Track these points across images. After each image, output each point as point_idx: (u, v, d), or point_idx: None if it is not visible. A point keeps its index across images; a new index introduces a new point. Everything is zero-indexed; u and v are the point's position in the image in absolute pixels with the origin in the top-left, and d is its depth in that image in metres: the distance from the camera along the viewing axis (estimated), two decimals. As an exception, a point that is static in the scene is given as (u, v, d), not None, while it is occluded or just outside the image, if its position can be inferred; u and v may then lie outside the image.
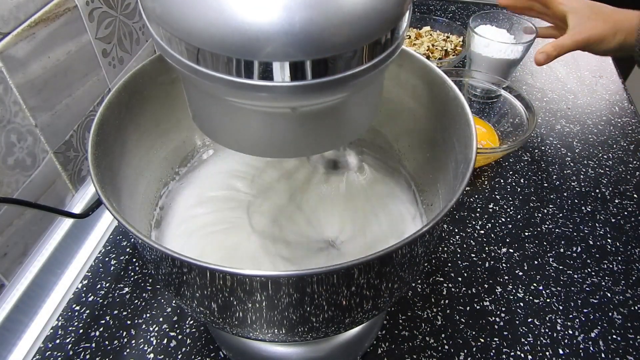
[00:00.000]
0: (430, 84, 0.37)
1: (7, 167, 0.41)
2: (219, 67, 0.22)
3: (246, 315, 0.29)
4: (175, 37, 0.22)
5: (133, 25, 0.58)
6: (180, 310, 0.46)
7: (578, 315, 0.46)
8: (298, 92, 0.22)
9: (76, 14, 0.47)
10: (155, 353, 0.43)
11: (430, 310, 0.46)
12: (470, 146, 0.31)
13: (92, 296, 0.47)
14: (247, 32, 0.20)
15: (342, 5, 0.21)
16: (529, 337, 0.45)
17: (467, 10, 0.97)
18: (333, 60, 0.22)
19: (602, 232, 0.54)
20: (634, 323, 0.46)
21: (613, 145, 0.66)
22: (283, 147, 0.27)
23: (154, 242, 0.25)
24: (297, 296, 0.27)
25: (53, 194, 0.48)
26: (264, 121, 0.26)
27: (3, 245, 0.42)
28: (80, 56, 0.48)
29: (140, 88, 0.36)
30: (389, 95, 0.40)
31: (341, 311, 0.30)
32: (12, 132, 0.41)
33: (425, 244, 0.31)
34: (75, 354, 0.43)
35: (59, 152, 0.47)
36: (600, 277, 0.50)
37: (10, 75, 0.40)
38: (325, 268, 0.24)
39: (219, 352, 0.43)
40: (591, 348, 0.44)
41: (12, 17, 0.40)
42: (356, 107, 0.27)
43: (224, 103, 0.25)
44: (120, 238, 0.53)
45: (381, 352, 0.43)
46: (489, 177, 0.61)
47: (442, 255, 0.52)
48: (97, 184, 0.28)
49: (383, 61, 0.24)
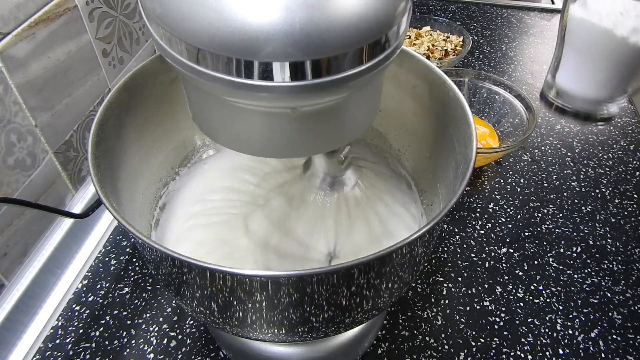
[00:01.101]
0: (430, 84, 0.37)
1: (7, 167, 0.41)
2: (219, 67, 0.22)
3: (246, 315, 0.29)
4: (175, 37, 0.22)
5: (133, 25, 0.58)
6: (180, 310, 0.46)
7: (578, 315, 0.46)
8: (298, 92, 0.22)
9: (76, 14, 0.47)
10: (155, 353, 0.43)
11: (430, 310, 0.46)
12: (470, 146, 0.31)
13: (92, 296, 0.47)
14: (247, 32, 0.20)
15: (342, 6, 0.21)
16: (529, 337, 0.45)
17: (467, 10, 0.97)
18: (333, 60, 0.22)
19: (602, 232, 0.54)
20: (634, 323, 0.46)
21: (613, 145, 0.66)
22: (283, 147, 0.27)
23: (154, 242, 0.25)
24: (297, 296, 0.27)
25: (53, 194, 0.48)
26: (264, 121, 0.26)
27: (3, 245, 0.42)
28: (80, 56, 0.48)
29: (140, 88, 0.36)
30: (389, 95, 0.40)
31: (341, 311, 0.30)
32: (12, 132, 0.41)
33: (425, 244, 0.31)
34: (75, 354, 0.43)
35: (59, 152, 0.47)
36: (600, 277, 0.50)
37: (10, 75, 0.40)
38: (325, 268, 0.24)
39: (219, 352, 0.43)
40: (591, 348, 0.44)
41: (12, 17, 0.40)
42: (356, 107, 0.27)
43: (224, 103, 0.25)
44: (120, 238, 0.53)
45: (381, 352, 0.43)
46: (489, 177, 0.61)
47: (442, 255, 0.52)
48: (97, 184, 0.28)
49: (383, 61, 0.24)
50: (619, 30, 0.35)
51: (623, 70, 0.42)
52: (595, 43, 0.38)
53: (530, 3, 0.98)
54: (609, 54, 0.39)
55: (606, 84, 0.42)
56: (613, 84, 0.42)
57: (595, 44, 0.38)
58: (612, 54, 0.39)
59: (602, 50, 0.39)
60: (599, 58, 0.41)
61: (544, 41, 0.86)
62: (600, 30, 0.36)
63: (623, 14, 0.32)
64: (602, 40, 0.37)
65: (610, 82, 0.43)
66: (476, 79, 0.66)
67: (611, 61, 0.41)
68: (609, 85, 0.42)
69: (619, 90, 0.44)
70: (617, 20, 0.34)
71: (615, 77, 0.43)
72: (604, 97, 0.48)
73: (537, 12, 0.97)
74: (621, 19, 0.34)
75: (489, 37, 0.89)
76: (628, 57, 0.39)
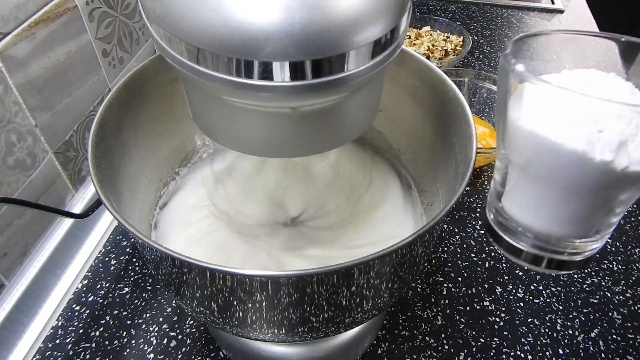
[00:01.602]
0: (430, 84, 0.37)
1: (7, 167, 0.41)
2: (219, 67, 0.22)
3: (246, 315, 0.29)
4: (175, 37, 0.22)
5: (133, 25, 0.58)
6: (180, 310, 0.46)
7: (578, 315, 0.46)
8: (298, 92, 0.22)
9: (76, 14, 0.47)
10: (155, 353, 0.43)
11: (430, 310, 0.46)
12: (470, 146, 0.31)
13: (92, 296, 0.47)
14: (247, 32, 0.20)
15: (342, 6, 0.21)
16: (529, 337, 0.45)
17: (467, 10, 0.97)
18: (333, 60, 0.22)
19: (602, 232, 0.54)
20: (634, 323, 0.46)
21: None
22: (283, 147, 0.27)
23: (154, 242, 0.25)
24: (297, 296, 0.27)
25: (53, 194, 0.48)
26: (264, 121, 0.26)
27: (3, 245, 0.42)
28: (80, 56, 0.48)
29: (140, 88, 0.36)
30: (389, 96, 0.40)
31: (341, 311, 0.30)
32: (12, 132, 0.41)
33: (425, 244, 0.31)
34: (75, 354, 0.43)
35: (59, 152, 0.47)
36: (600, 277, 0.50)
37: (10, 75, 0.40)
38: (325, 268, 0.24)
39: (219, 352, 0.43)
40: (591, 348, 0.44)
41: (12, 17, 0.40)
42: (356, 107, 0.27)
43: (224, 103, 0.25)
44: (120, 238, 0.53)
45: (381, 352, 0.43)
46: (489, 177, 0.61)
47: (442, 255, 0.52)
48: (97, 184, 0.28)
49: (383, 61, 0.24)
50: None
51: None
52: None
53: (530, 3, 0.98)
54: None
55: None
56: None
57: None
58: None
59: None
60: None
61: (544, 41, 0.86)
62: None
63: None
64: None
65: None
66: (476, 79, 0.66)
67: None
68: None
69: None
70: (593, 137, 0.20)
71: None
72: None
73: (537, 12, 0.97)
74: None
75: (489, 37, 0.89)
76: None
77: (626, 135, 0.19)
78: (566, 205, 0.23)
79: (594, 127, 0.19)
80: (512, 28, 0.92)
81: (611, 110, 0.19)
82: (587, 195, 0.22)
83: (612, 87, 0.22)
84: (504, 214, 0.25)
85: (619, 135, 0.19)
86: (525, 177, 0.23)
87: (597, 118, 0.19)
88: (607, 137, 0.19)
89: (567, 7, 0.97)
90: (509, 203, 0.25)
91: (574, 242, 0.24)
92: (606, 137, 0.19)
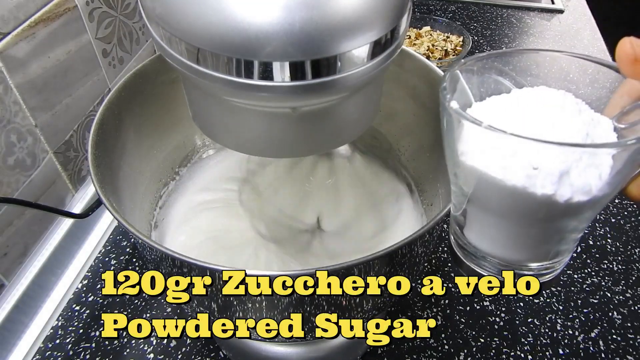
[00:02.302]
0: (430, 84, 0.37)
1: (7, 167, 0.41)
2: (219, 67, 0.22)
3: (246, 315, 0.29)
4: (175, 37, 0.22)
5: (133, 25, 0.58)
6: (180, 310, 0.46)
7: (578, 315, 0.46)
8: (298, 92, 0.22)
9: (76, 14, 0.47)
10: (155, 353, 0.43)
11: (430, 310, 0.46)
12: (470, 146, 0.31)
13: (92, 296, 0.47)
14: (247, 32, 0.20)
15: (342, 6, 0.21)
16: (529, 337, 0.45)
17: (467, 10, 0.97)
18: (333, 60, 0.22)
19: (602, 232, 0.54)
20: (634, 323, 0.46)
21: (613, 145, 0.66)
22: (283, 147, 0.27)
23: (154, 242, 0.25)
24: (297, 296, 0.27)
25: (53, 194, 0.48)
26: (264, 121, 0.26)
27: (3, 245, 0.42)
28: (80, 56, 0.48)
29: (140, 88, 0.36)
30: (389, 95, 0.40)
31: (341, 311, 0.30)
32: (12, 132, 0.41)
33: (425, 244, 0.31)
34: (75, 354, 0.43)
35: (59, 152, 0.47)
36: (600, 277, 0.50)
37: (10, 75, 0.40)
38: (325, 268, 0.24)
39: (219, 352, 0.43)
40: (591, 348, 0.44)
41: (12, 17, 0.40)
42: (356, 107, 0.27)
43: (224, 103, 0.25)
44: (120, 238, 0.53)
45: (381, 352, 0.43)
46: (489, 177, 0.61)
47: (442, 255, 0.52)
48: (97, 184, 0.28)
49: (383, 61, 0.24)
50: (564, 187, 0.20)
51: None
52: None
53: (530, 3, 0.98)
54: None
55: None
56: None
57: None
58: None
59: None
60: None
61: (543, 41, 0.86)
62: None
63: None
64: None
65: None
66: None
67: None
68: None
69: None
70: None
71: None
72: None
73: (537, 12, 0.97)
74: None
75: (489, 37, 0.89)
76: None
77: (568, 164, 0.19)
78: (519, 234, 0.22)
79: (528, 165, 0.19)
80: (512, 28, 0.92)
81: (543, 150, 0.18)
82: (537, 224, 0.22)
83: (560, 107, 0.22)
84: (463, 239, 0.24)
85: (559, 166, 0.19)
86: (476, 207, 0.23)
87: (530, 157, 0.19)
88: (547, 170, 0.19)
89: (567, 7, 0.97)
90: (467, 229, 0.24)
91: (535, 265, 0.24)
92: (545, 170, 0.19)
